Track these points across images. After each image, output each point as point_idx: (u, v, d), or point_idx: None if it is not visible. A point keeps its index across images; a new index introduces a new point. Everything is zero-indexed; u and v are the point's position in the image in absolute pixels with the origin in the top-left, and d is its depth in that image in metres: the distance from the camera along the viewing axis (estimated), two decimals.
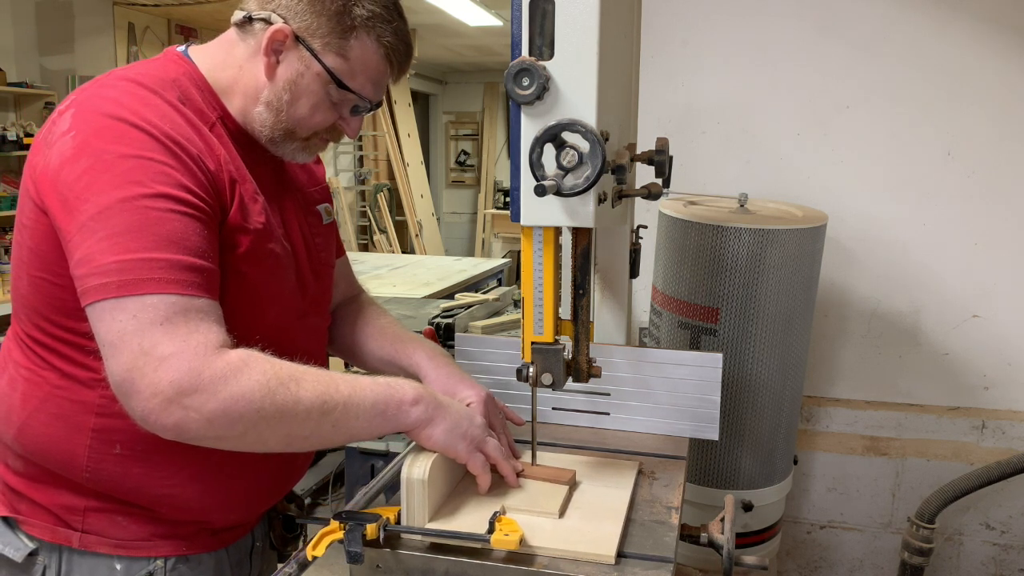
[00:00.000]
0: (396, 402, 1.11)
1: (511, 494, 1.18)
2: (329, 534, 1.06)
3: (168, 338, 0.96)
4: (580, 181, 1.02)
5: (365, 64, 1.17)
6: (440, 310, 3.04)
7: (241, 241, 1.12)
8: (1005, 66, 2.27)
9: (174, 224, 1.01)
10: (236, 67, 1.17)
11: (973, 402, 2.46)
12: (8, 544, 1.17)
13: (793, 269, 1.93)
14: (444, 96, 11.81)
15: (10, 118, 5.74)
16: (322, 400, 1.03)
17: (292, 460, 1.32)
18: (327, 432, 1.06)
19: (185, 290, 0.99)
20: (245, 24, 1.16)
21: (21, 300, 1.15)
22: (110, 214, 0.99)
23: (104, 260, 0.98)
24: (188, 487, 1.16)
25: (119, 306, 0.97)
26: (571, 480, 1.23)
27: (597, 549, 1.04)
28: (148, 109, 1.06)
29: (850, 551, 2.56)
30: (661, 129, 2.46)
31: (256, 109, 1.17)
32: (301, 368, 1.05)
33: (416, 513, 1.09)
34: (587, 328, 1.22)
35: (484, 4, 6.67)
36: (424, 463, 1.09)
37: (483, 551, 1.04)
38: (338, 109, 1.20)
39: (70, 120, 1.05)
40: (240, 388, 0.98)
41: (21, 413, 1.15)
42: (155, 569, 1.17)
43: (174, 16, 6.35)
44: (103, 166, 1.01)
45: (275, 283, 1.20)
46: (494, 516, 1.06)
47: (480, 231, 11.07)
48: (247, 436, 1.00)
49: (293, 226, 1.27)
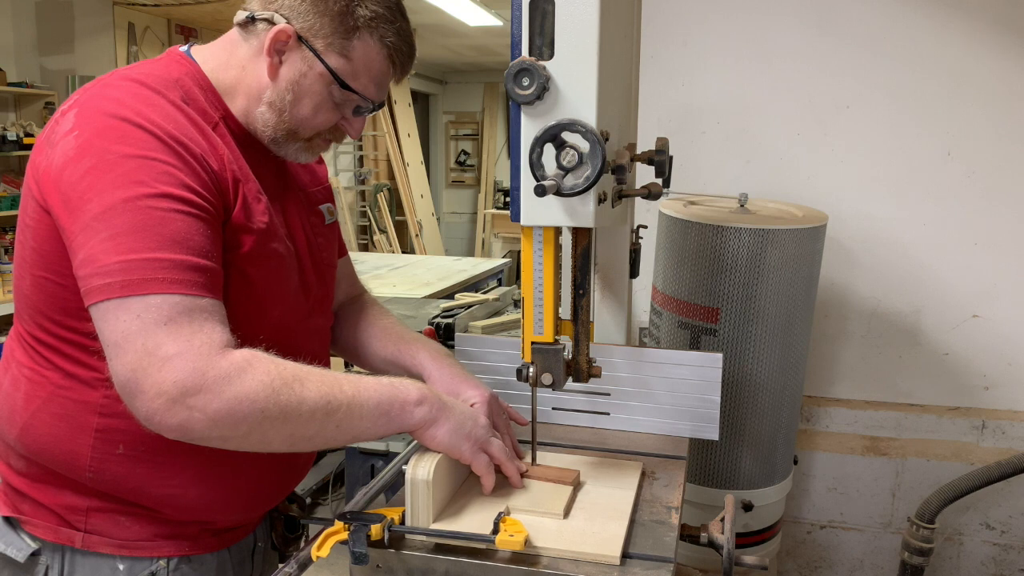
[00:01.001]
0: (400, 402, 1.11)
1: (515, 495, 1.18)
2: (333, 535, 1.05)
3: (172, 338, 0.96)
4: (580, 181, 1.02)
5: (368, 64, 1.17)
6: (440, 310, 3.04)
7: (244, 241, 1.12)
8: (1005, 66, 2.27)
9: (177, 224, 1.01)
10: (239, 67, 1.17)
11: (973, 402, 2.46)
12: (11, 544, 1.17)
13: (793, 269, 1.93)
14: (444, 96, 11.81)
15: (10, 118, 5.74)
16: (326, 400, 1.03)
17: (294, 461, 1.32)
18: (331, 432, 1.05)
19: (189, 290, 0.99)
20: (248, 24, 1.16)
21: (24, 300, 1.15)
22: (113, 214, 0.99)
23: (107, 260, 0.98)
24: (191, 487, 1.16)
25: (123, 306, 0.97)
26: (575, 481, 1.23)
27: (602, 550, 1.04)
28: (151, 109, 1.06)
29: (850, 551, 2.56)
30: (661, 129, 2.46)
31: (259, 109, 1.17)
32: (305, 368, 1.05)
33: (420, 514, 1.09)
34: (587, 328, 1.22)
35: (484, 4, 6.67)
36: (428, 464, 1.09)
37: (487, 551, 1.04)
38: (340, 109, 1.20)
39: (73, 120, 1.05)
40: (244, 388, 0.98)
41: (24, 413, 1.15)
42: (158, 569, 1.17)
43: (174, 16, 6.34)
44: (106, 166, 1.01)
45: (278, 283, 1.20)
46: (498, 517, 1.05)
47: (480, 231, 11.07)
48: (251, 436, 1.01)
49: (296, 226, 1.27)
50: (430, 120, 11.77)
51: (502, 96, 11.08)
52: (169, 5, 5.97)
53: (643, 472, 1.32)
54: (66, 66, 5.91)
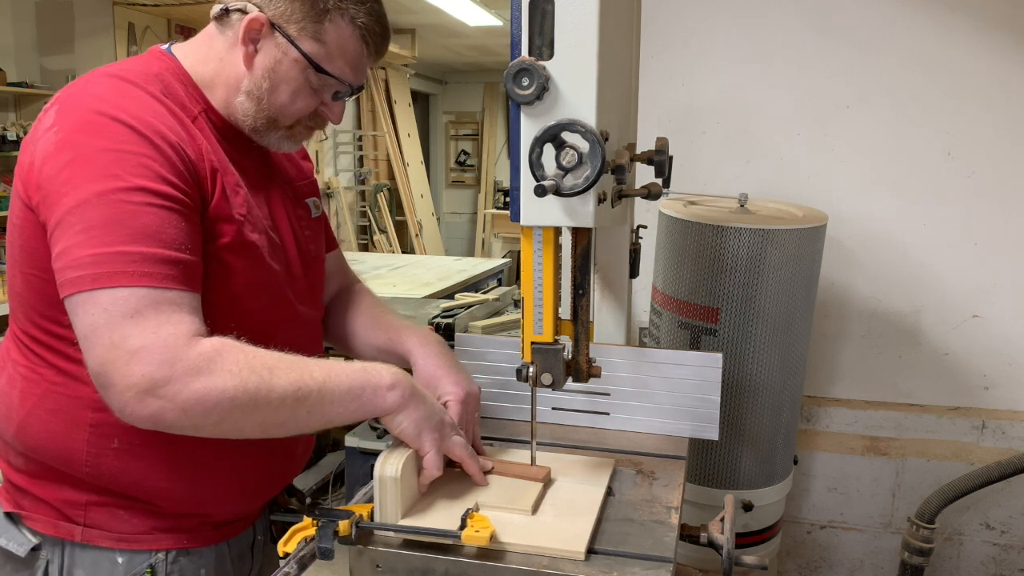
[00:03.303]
0: (372, 387, 1.11)
1: (486, 492, 1.19)
2: (301, 530, 1.07)
3: (138, 331, 0.98)
4: (580, 181, 1.02)
5: (341, 47, 1.18)
6: (440, 310, 3.04)
7: (224, 231, 1.13)
8: (1005, 66, 2.27)
9: (150, 217, 1.02)
10: (217, 60, 1.19)
11: (973, 402, 2.46)
12: (12, 539, 1.19)
13: (793, 269, 1.93)
14: (444, 96, 11.81)
15: (10, 118, 5.74)
16: (296, 387, 1.04)
17: (290, 453, 1.32)
18: (303, 418, 1.06)
19: (157, 282, 1.01)
20: (223, 16, 1.18)
21: (17, 298, 1.16)
22: (87, 208, 1.00)
23: (80, 253, 1.00)
24: (186, 480, 1.17)
25: (91, 299, 0.99)
26: (546, 477, 1.24)
27: (567, 545, 1.05)
28: (129, 101, 1.08)
29: (850, 551, 2.56)
30: (661, 129, 2.46)
31: (238, 99, 1.18)
32: (276, 355, 1.06)
33: (388, 510, 1.10)
34: (587, 328, 1.22)
35: (484, 4, 6.67)
36: (397, 461, 1.10)
37: (455, 547, 1.05)
38: (319, 95, 1.21)
39: (54, 116, 1.07)
40: (213, 378, 0.99)
41: (20, 410, 1.16)
42: (156, 562, 1.19)
43: (174, 16, 6.34)
44: (82, 160, 1.02)
45: (260, 273, 1.20)
46: (466, 513, 1.07)
47: (480, 231, 11.07)
48: (223, 424, 1.02)
49: (281, 218, 1.28)
50: (430, 120, 11.77)
51: (502, 96, 11.08)
52: (169, 5, 5.97)
53: (639, 471, 1.32)
54: (66, 66, 5.91)
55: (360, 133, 9.33)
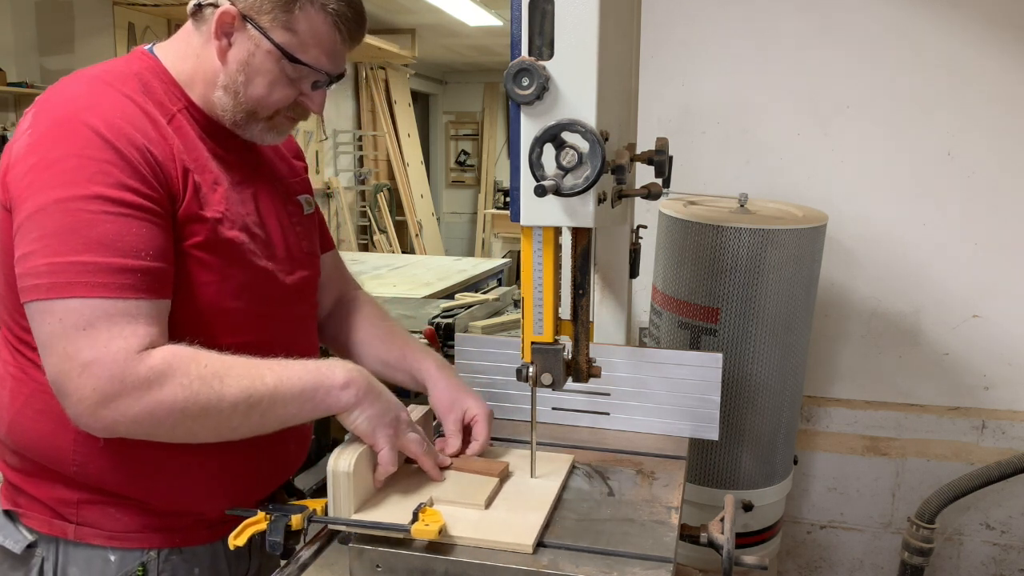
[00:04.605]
0: (326, 387, 1.12)
1: (440, 487, 1.20)
2: (252, 525, 1.09)
3: (89, 344, 0.99)
4: (580, 181, 1.02)
5: (315, 35, 1.17)
6: (440, 310, 3.04)
7: (198, 230, 1.13)
8: (1005, 66, 2.27)
9: (107, 226, 1.02)
10: (194, 56, 1.19)
11: (973, 402, 2.46)
12: (8, 536, 1.20)
13: (793, 269, 1.93)
14: (444, 96, 11.81)
15: (10, 118, 5.73)
16: (247, 394, 1.05)
17: (281, 452, 1.33)
18: (256, 422, 1.08)
19: (113, 293, 1.01)
20: (197, 12, 1.18)
21: (2, 300, 1.17)
22: (44, 215, 1.02)
23: (37, 262, 1.01)
24: (172, 479, 1.18)
25: (47, 308, 1.01)
26: (503, 472, 1.24)
27: (515, 539, 1.06)
28: (101, 103, 1.09)
29: (850, 551, 2.56)
30: (661, 129, 2.46)
31: (215, 94, 1.19)
32: (228, 362, 1.07)
33: (342, 505, 1.11)
34: (587, 328, 1.22)
35: (484, 4, 6.67)
36: (350, 456, 1.11)
37: (405, 541, 1.06)
38: (297, 85, 1.21)
39: (30, 119, 1.09)
40: (162, 393, 1.01)
41: (10, 410, 1.17)
42: (148, 560, 1.19)
43: (174, 16, 6.33)
44: (44, 164, 1.04)
45: (241, 271, 1.20)
46: (418, 507, 1.08)
47: (480, 231, 11.07)
48: (176, 431, 1.05)
49: (269, 214, 1.28)
50: (430, 120, 11.77)
51: (502, 96, 11.08)
52: (169, 5, 5.96)
53: (639, 471, 1.32)
54: (66, 66, 5.90)
55: (360, 133, 9.33)
